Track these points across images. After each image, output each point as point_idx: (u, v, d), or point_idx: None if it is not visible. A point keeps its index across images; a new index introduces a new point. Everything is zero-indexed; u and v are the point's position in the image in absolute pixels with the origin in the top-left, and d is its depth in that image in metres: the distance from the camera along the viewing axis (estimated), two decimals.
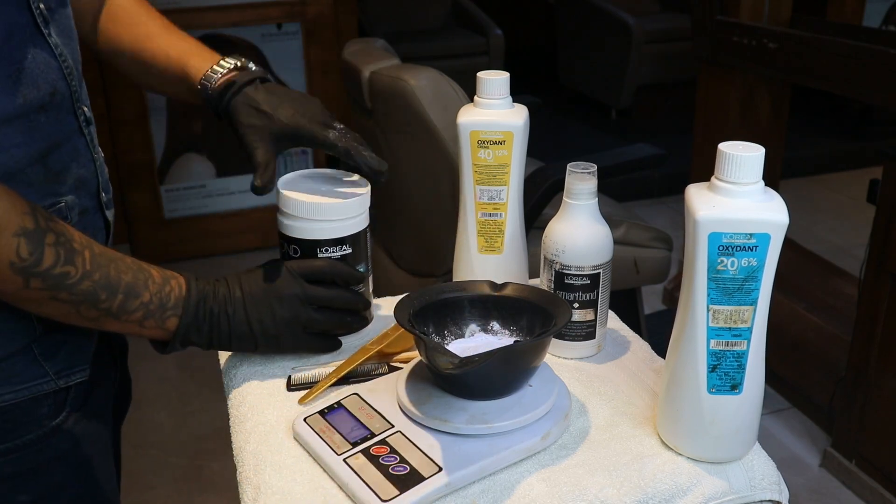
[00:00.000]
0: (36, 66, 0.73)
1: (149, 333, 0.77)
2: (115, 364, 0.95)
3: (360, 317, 0.87)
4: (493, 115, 0.88)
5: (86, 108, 0.82)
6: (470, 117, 0.88)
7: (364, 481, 0.67)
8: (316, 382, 0.82)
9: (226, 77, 0.87)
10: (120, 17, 0.95)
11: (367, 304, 0.87)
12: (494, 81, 0.88)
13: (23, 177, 0.73)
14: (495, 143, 0.88)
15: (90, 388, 0.85)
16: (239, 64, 0.89)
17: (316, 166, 3.22)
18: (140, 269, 0.76)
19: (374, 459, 0.69)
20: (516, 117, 0.88)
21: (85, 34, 0.94)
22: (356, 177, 0.90)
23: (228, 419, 0.82)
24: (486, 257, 0.91)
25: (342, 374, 0.83)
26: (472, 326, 0.81)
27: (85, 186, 0.81)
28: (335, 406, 0.76)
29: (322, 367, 0.85)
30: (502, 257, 0.91)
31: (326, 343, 0.85)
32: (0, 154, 0.71)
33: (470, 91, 1.89)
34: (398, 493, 0.66)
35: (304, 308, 0.81)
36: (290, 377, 0.84)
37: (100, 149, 0.86)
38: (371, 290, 0.92)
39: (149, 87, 1.01)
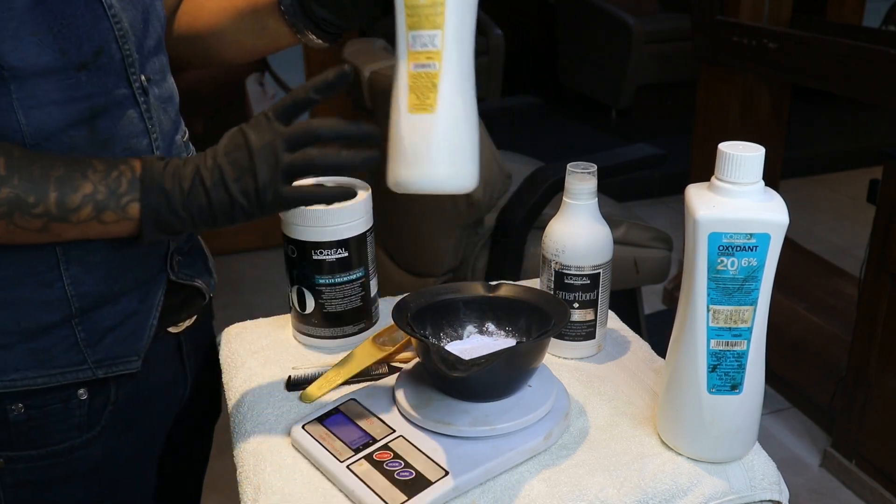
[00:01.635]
0: (81, 22, 0.70)
1: (116, 230, 0.69)
2: (183, 367, 0.90)
3: (367, 154, 0.71)
4: None
5: (144, 78, 0.77)
6: None
7: (371, 488, 0.67)
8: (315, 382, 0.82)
9: None
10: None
11: (376, 136, 0.71)
12: None
13: (65, 138, 0.71)
14: None
15: (142, 386, 0.82)
16: None
17: None
18: (76, 163, 0.68)
19: (378, 465, 0.69)
20: None
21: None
22: (357, 181, 0.90)
23: (228, 419, 0.82)
24: (416, 117, 0.73)
25: (350, 376, 0.82)
26: (469, 328, 0.81)
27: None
28: (333, 412, 0.76)
29: (323, 367, 0.85)
30: (434, 117, 0.74)
31: (316, 195, 0.70)
32: (36, 110, 0.69)
33: None
34: (406, 498, 0.65)
35: (284, 153, 0.67)
36: (289, 377, 0.84)
37: (165, 123, 0.81)
38: (377, 293, 0.92)
39: (232, 46, 0.93)
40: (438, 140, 0.70)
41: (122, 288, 0.77)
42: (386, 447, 0.71)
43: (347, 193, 0.70)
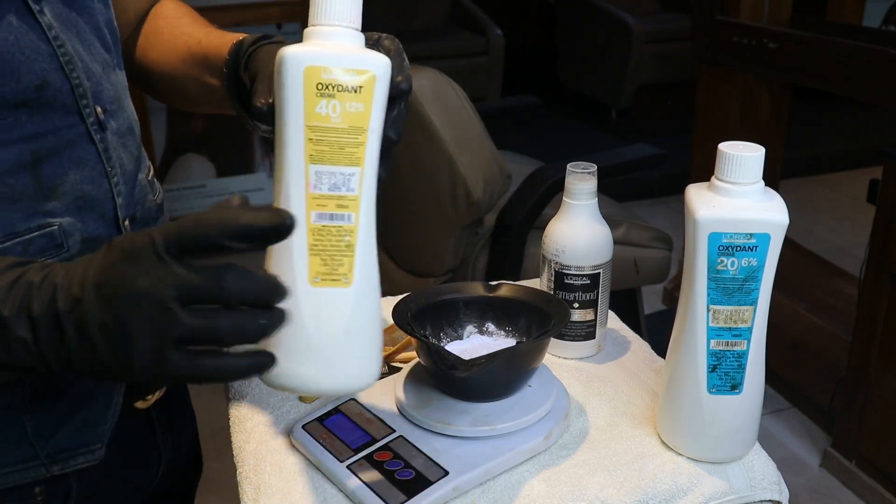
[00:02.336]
0: (17, 50, 0.59)
1: None
2: (156, 444, 0.80)
3: (279, 314, 0.49)
4: (345, 48, 0.55)
5: (100, 110, 0.67)
6: (305, 47, 0.54)
7: (371, 488, 0.66)
8: None
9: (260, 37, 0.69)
10: (162, 29, 0.81)
11: (283, 293, 0.49)
12: None
13: (2, 188, 0.60)
14: (346, 89, 0.53)
15: (107, 475, 0.72)
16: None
17: None
18: None
19: (378, 465, 0.69)
20: (378, 56, 0.56)
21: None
22: None
23: (228, 419, 0.82)
24: (323, 292, 0.53)
25: None
26: (469, 328, 0.81)
27: (93, 208, 0.66)
28: (333, 412, 0.76)
29: None
30: (350, 292, 0.54)
31: (219, 363, 0.49)
32: None
33: (470, 91, 1.89)
34: (406, 498, 0.65)
35: (175, 310, 0.47)
36: None
37: (126, 161, 0.70)
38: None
39: (178, 91, 0.81)
40: (356, 325, 0.54)
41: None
42: (386, 447, 0.71)
43: (262, 365, 0.50)
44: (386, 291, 0.96)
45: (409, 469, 0.68)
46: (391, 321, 0.76)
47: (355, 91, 0.53)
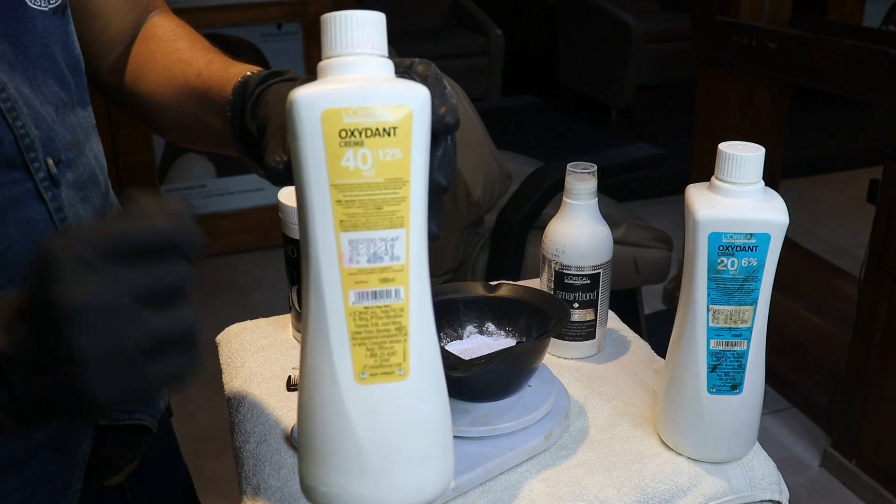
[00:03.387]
0: None
1: None
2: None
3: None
4: (370, 80, 0.44)
5: (52, 162, 0.56)
6: (319, 86, 0.44)
7: None
8: None
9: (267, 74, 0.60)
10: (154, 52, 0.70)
11: (203, 242, 0.42)
12: (358, 20, 0.46)
13: None
14: (377, 133, 0.43)
15: None
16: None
17: None
18: None
19: None
20: (412, 85, 0.45)
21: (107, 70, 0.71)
22: None
23: (228, 419, 0.82)
24: (374, 389, 0.43)
25: None
26: (469, 328, 0.81)
27: None
28: None
29: None
30: (406, 387, 0.44)
31: (175, 362, 0.42)
32: None
33: (470, 91, 1.89)
34: None
35: (135, 315, 0.40)
36: (290, 377, 0.84)
37: (83, 218, 0.60)
38: None
39: (176, 121, 0.69)
40: (419, 426, 0.44)
41: (27, 446, 0.57)
42: None
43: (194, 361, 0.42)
44: None
45: None
46: None
47: (389, 133, 0.43)
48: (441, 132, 0.46)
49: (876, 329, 1.85)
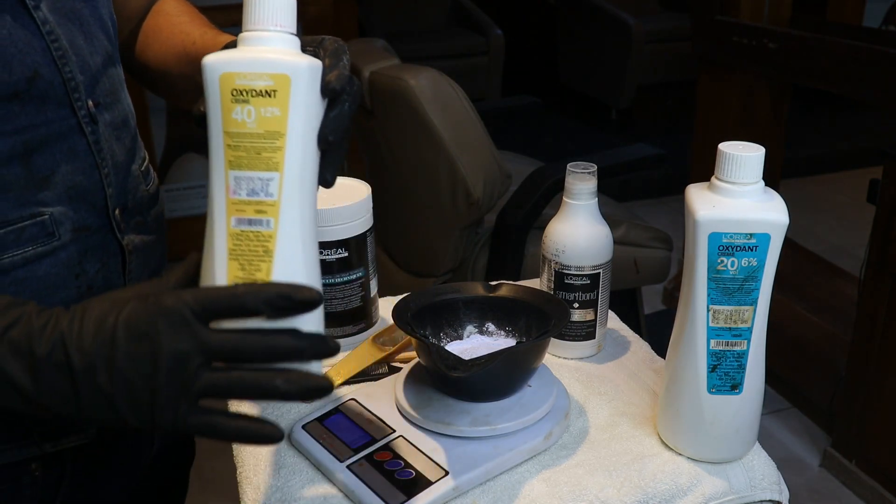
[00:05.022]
0: (9, 43, 0.60)
1: None
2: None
3: (302, 376, 0.52)
4: (262, 51, 0.55)
5: (91, 104, 0.68)
6: (224, 54, 0.55)
7: (371, 488, 0.66)
8: None
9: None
10: (161, 26, 0.81)
11: (327, 349, 0.53)
12: (268, 3, 0.55)
13: None
14: (260, 94, 0.53)
15: (100, 455, 0.75)
16: None
17: None
18: None
19: (378, 465, 0.69)
20: (298, 57, 0.55)
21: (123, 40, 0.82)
22: (357, 181, 0.90)
23: None
24: None
25: (350, 375, 0.82)
26: (469, 328, 0.81)
27: (84, 198, 0.68)
28: (333, 412, 0.76)
29: (323, 366, 0.85)
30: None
31: (236, 425, 0.52)
32: None
33: (470, 91, 1.89)
34: (406, 498, 0.65)
35: (201, 371, 0.50)
36: None
37: (118, 153, 0.72)
38: (376, 293, 0.92)
39: (175, 88, 0.82)
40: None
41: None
42: (386, 447, 0.71)
43: (272, 436, 0.52)
44: (386, 291, 0.97)
45: (409, 469, 0.68)
46: (391, 321, 0.76)
47: (270, 95, 0.53)
48: (331, 96, 0.56)
49: (876, 329, 1.85)
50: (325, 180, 0.57)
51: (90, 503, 0.76)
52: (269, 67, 0.53)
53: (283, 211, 0.53)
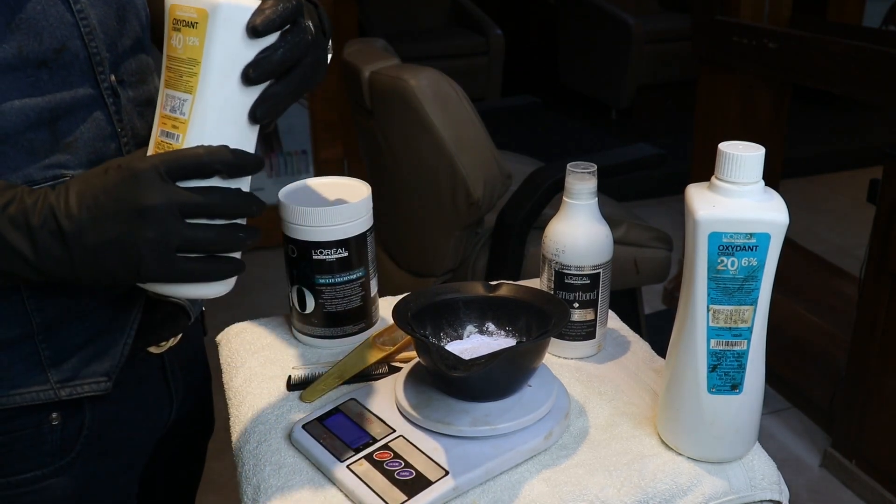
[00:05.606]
0: (42, 17, 0.66)
1: None
2: (168, 388, 0.86)
3: (250, 230, 0.63)
4: None
5: (114, 78, 0.72)
6: None
7: (371, 488, 0.67)
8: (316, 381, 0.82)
9: None
10: None
11: (263, 206, 0.64)
12: None
13: (23, 141, 0.66)
14: (187, 24, 0.61)
15: (120, 410, 0.78)
16: None
17: (316, 170, 3.23)
18: None
19: (378, 465, 0.69)
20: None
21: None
22: (357, 181, 0.90)
23: (228, 419, 0.82)
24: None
25: (350, 375, 0.82)
26: (469, 328, 0.81)
27: (104, 163, 0.70)
28: (333, 412, 0.76)
29: (323, 366, 0.85)
30: None
31: (210, 269, 0.62)
32: None
33: (470, 91, 1.89)
34: (406, 498, 0.65)
35: (177, 223, 0.59)
36: (290, 377, 0.84)
37: (140, 126, 0.76)
38: (376, 293, 0.92)
39: None
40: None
41: (90, 303, 0.72)
42: (386, 447, 0.71)
43: (239, 267, 0.64)
44: (386, 291, 0.97)
45: (409, 469, 0.68)
46: (391, 321, 0.76)
47: (192, 26, 0.60)
48: (252, 35, 0.60)
49: (876, 329, 1.85)
50: (254, 116, 0.62)
51: (107, 458, 0.79)
52: (196, 3, 0.60)
53: (189, 129, 0.61)
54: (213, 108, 0.61)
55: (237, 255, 0.65)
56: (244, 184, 0.63)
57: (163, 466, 0.92)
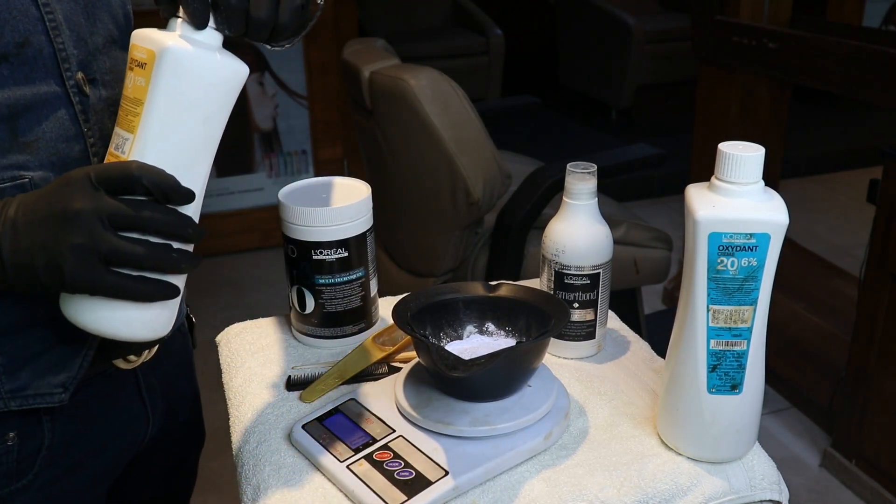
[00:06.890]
0: (4, 9, 0.63)
1: None
2: (143, 405, 0.83)
3: (186, 255, 0.62)
4: (152, 31, 0.62)
5: (82, 76, 0.69)
6: (140, 30, 0.63)
7: (371, 488, 0.67)
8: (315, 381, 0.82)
9: None
10: None
11: (200, 233, 0.62)
12: None
13: None
14: (138, 64, 0.61)
15: (84, 428, 0.76)
16: None
17: (315, 170, 3.23)
18: None
19: (378, 465, 0.69)
20: (169, 39, 0.60)
21: None
22: (357, 181, 0.90)
23: (228, 419, 0.82)
24: None
25: (350, 375, 0.82)
26: (469, 328, 0.81)
27: (67, 166, 0.69)
28: (333, 412, 0.76)
29: (323, 366, 0.85)
30: None
31: (138, 287, 0.60)
32: None
33: (470, 91, 1.89)
34: (406, 498, 0.65)
35: (103, 231, 0.57)
36: (289, 377, 0.84)
37: (111, 127, 0.71)
38: (376, 293, 0.92)
39: None
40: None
41: (47, 312, 0.68)
42: (386, 447, 0.71)
43: (172, 291, 0.62)
44: (386, 291, 0.97)
45: (409, 469, 0.68)
46: (391, 321, 0.76)
47: (142, 66, 0.60)
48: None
49: (876, 329, 1.85)
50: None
51: (73, 475, 0.76)
52: (146, 42, 0.60)
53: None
54: (154, 149, 0.60)
55: (175, 280, 0.62)
56: (189, 211, 0.62)
57: (145, 481, 0.89)
